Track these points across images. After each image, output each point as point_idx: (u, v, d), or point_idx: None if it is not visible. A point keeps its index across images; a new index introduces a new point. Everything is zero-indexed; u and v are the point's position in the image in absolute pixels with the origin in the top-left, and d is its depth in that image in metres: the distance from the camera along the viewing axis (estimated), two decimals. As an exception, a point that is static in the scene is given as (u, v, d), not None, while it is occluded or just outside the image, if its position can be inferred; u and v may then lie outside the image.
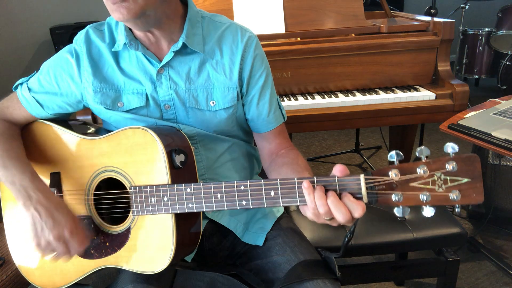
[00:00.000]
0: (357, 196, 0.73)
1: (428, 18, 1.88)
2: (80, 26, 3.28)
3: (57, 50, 1.54)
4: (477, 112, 1.38)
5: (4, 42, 3.51)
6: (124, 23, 0.93)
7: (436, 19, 1.79)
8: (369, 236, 1.30)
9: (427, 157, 0.70)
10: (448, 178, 0.69)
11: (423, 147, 0.70)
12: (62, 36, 3.47)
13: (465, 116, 1.36)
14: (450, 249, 1.35)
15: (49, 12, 3.63)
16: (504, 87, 3.57)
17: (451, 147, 0.68)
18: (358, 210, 0.72)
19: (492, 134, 1.22)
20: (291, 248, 1.00)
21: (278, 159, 1.01)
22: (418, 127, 2.38)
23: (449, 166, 0.68)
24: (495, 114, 1.35)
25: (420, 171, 0.69)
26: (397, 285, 1.80)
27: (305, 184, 0.75)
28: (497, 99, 1.46)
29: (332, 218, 0.75)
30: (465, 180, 0.68)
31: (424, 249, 1.75)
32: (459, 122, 1.33)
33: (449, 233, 1.30)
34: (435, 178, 0.69)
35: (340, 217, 0.73)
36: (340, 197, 0.74)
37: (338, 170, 0.75)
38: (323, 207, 0.73)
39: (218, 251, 1.08)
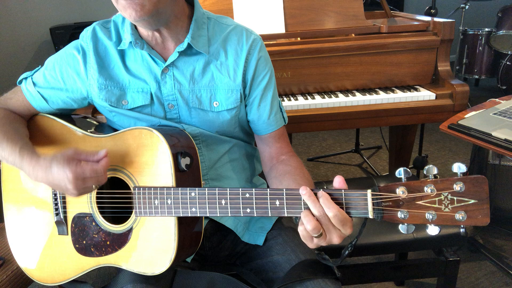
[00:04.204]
0: (363, 211, 0.74)
1: (428, 18, 1.88)
2: (80, 26, 3.28)
3: (57, 50, 1.54)
4: (477, 112, 1.38)
5: (4, 42, 3.51)
6: (134, 22, 0.89)
7: (436, 19, 1.79)
8: (369, 236, 1.30)
9: (434, 176, 0.70)
10: (455, 198, 0.69)
11: (431, 166, 0.70)
12: (62, 36, 3.48)
13: (465, 116, 1.36)
14: (450, 249, 1.35)
15: (49, 12, 3.63)
16: (504, 87, 3.57)
17: (458, 167, 0.69)
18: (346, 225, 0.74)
19: (492, 134, 1.22)
20: (291, 248, 1.00)
21: (280, 166, 1.01)
22: (418, 127, 2.38)
23: (457, 187, 0.68)
24: (495, 114, 1.35)
25: (427, 190, 0.69)
26: (397, 285, 1.80)
27: (304, 191, 0.76)
28: (497, 99, 1.46)
29: (321, 235, 0.75)
30: (472, 201, 0.69)
31: (424, 249, 1.75)
32: (459, 122, 1.33)
33: (449, 233, 1.30)
34: (442, 197, 0.70)
35: (331, 213, 0.73)
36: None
37: (338, 182, 0.77)
38: (317, 209, 0.75)
39: (218, 250, 1.08)
